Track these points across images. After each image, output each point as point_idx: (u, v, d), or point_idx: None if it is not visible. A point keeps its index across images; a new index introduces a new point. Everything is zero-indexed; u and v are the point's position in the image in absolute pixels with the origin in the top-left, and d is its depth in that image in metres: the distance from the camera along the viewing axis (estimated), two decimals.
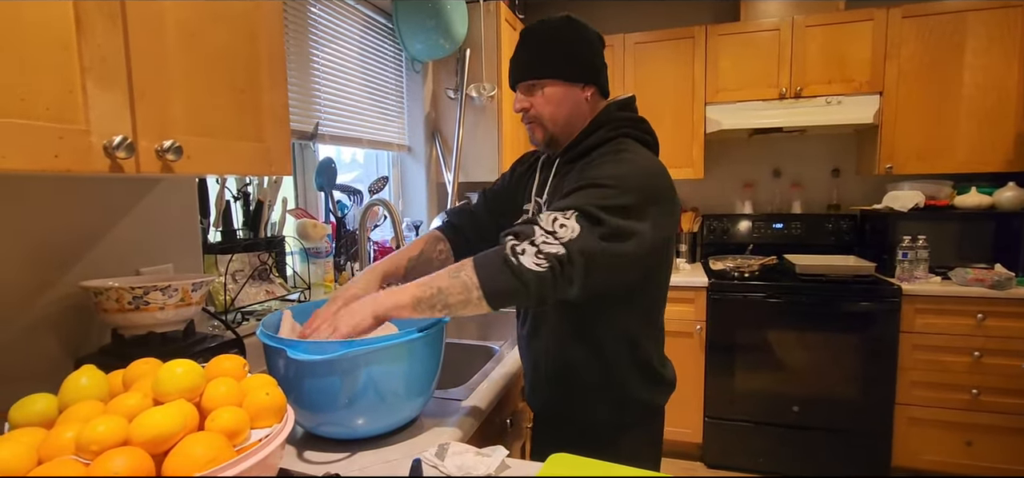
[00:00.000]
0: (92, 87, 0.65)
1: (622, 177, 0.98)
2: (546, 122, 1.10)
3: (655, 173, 1.04)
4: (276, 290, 1.51)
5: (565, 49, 1.08)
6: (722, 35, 2.84)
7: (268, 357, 0.97)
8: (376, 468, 0.91)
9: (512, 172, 1.32)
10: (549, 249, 0.90)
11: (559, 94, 1.08)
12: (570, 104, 1.09)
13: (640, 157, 1.05)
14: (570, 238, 0.91)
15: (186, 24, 0.79)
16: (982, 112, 2.53)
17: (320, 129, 1.83)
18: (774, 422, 2.62)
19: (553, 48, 1.07)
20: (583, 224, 0.92)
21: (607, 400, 1.12)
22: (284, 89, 1.01)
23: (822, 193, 3.11)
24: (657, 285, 1.13)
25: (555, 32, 1.08)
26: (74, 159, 0.63)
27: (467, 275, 0.91)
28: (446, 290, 0.91)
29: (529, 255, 0.90)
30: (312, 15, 1.80)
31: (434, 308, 0.92)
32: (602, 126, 1.10)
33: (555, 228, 0.92)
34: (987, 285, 2.35)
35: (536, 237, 0.91)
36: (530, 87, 1.10)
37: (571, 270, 0.90)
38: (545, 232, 0.92)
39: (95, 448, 0.57)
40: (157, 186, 1.15)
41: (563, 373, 1.14)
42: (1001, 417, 2.36)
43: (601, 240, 0.92)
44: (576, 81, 1.08)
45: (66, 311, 0.97)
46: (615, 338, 1.10)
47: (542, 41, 1.08)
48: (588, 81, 1.09)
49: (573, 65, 1.08)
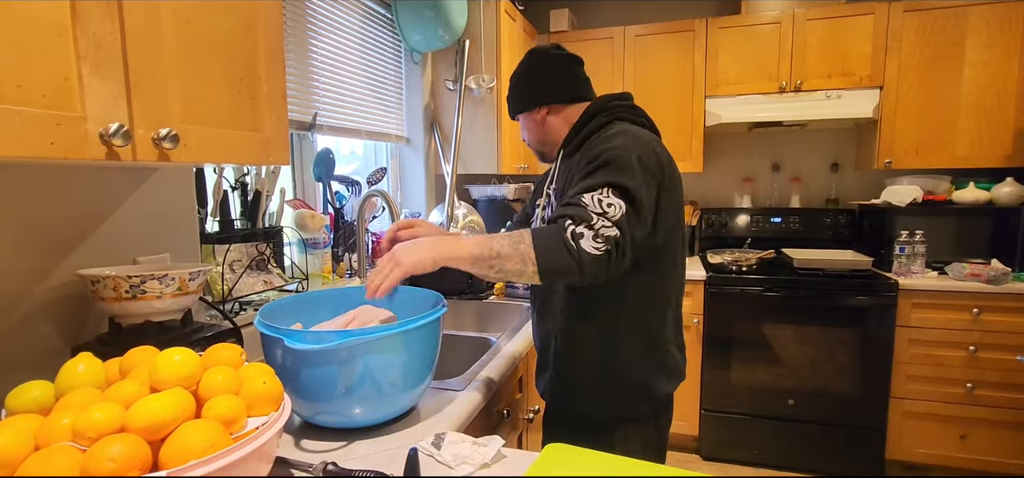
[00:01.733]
0: (88, 74, 0.65)
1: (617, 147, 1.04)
2: (533, 145, 1.32)
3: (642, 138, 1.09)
4: (274, 280, 1.51)
5: (518, 87, 1.28)
6: (722, 28, 2.84)
7: (265, 346, 0.97)
8: (373, 457, 0.91)
9: None
10: (607, 232, 0.94)
11: (528, 122, 1.29)
12: (534, 126, 1.27)
13: (631, 129, 1.11)
14: (621, 216, 0.96)
15: (182, 11, 0.78)
16: (981, 107, 2.53)
17: (318, 120, 1.82)
18: (770, 415, 2.63)
19: (513, 90, 1.29)
20: (623, 197, 0.97)
21: (612, 384, 1.14)
22: (282, 79, 1.00)
23: (821, 187, 3.11)
24: (667, 262, 1.15)
25: (522, 72, 1.27)
26: (70, 146, 0.63)
27: (526, 248, 0.94)
28: (505, 256, 0.95)
29: (588, 239, 0.93)
30: (311, 5, 1.80)
31: (491, 270, 0.96)
32: (597, 114, 1.17)
33: (604, 208, 0.96)
34: (983, 280, 2.35)
35: (593, 221, 0.94)
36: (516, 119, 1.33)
37: (625, 248, 0.96)
38: (597, 215, 0.95)
39: (92, 434, 0.57)
40: (154, 175, 1.15)
41: (571, 352, 1.18)
42: (996, 411, 2.38)
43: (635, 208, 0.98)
44: (529, 109, 1.26)
45: (63, 299, 0.97)
46: (626, 318, 1.13)
47: (515, 83, 1.29)
48: (539, 104, 1.25)
49: (522, 98, 1.27)
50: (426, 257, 0.96)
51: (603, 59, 3.03)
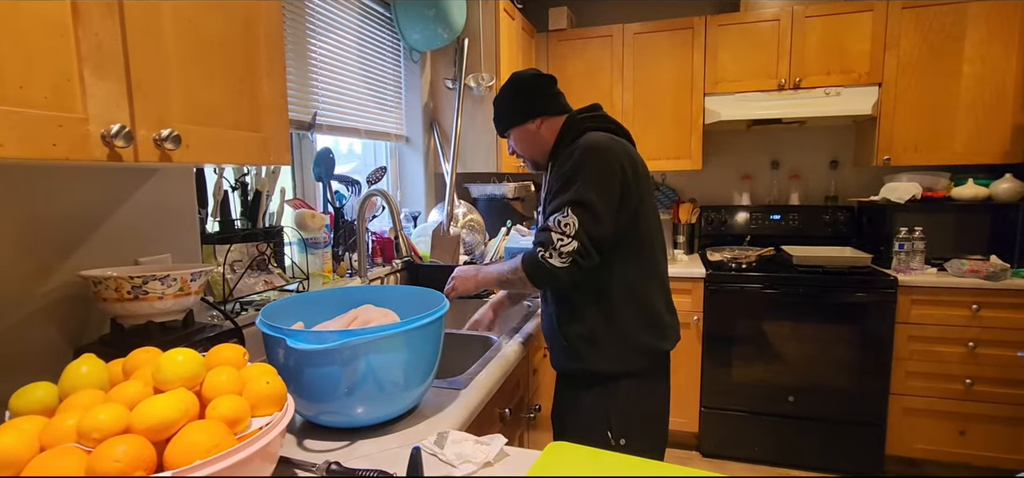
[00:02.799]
0: (90, 75, 0.65)
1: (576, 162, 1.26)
2: (525, 155, 1.48)
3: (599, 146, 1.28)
4: (275, 280, 1.51)
5: (510, 104, 1.44)
6: (721, 26, 2.83)
7: (268, 346, 0.97)
8: (376, 457, 0.91)
9: None
10: (566, 248, 1.22)
11: (521, 134, 1.45)
12: (529, 137, 1.44)
13: (589, 139, 1.29)
14: (575, 229, 1.22)
15: (183, 12, 0.78)
16: (980, 104, 2.53)
17: (318, 119, 1.82)
18: (770, 412, 2.64)
19: (504, 108, 1.46)
20: (577, 212, 1.23)
21: (615, 346, 1.32)
22: (282, 79, 1.00)
23: (820, 184, 3.12)
24: (645, 235, 1.34)
25: (501, 97, 1.46)
26: (72, 147, 0.63)
27: (522, 274, 1.30)
28: (511, 281, 1.36)
29: (555, 257, 1.23)
30: (310, 5, 1.79)
31: (511, 287, 1.43)
32: (568, 132, 1.38)
33: (562, 228, 1.23)
34: (982, 276, 2.36)
35: (555, 242, 1.23)
36: (507, 136, 1.49)
37: (586, 251, 1.23)
38: (558, 235, 1.23)
39: (97, 436, 0.58)
40: (155, 175, 1.15)
41: (573, 330, 1.35)
42: (994, 407, 2.38)
43: (591, 218, 1.23)
44: (524, 121, 1.43)
45: (65, 301, 0.97)
46: (618, 287, 1.32)
47: (499, 104, 1.47)
48: (533, 116, 1.42)
49: (516, 112, 1.43)
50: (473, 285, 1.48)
51: (602, 57, 3.03)
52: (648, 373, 1.37)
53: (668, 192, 3.34)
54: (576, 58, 3.07)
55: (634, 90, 3.01)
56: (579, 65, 3.07)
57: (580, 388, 1.38)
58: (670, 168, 3.02)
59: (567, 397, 1.44)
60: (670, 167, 3.02)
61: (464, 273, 1.50)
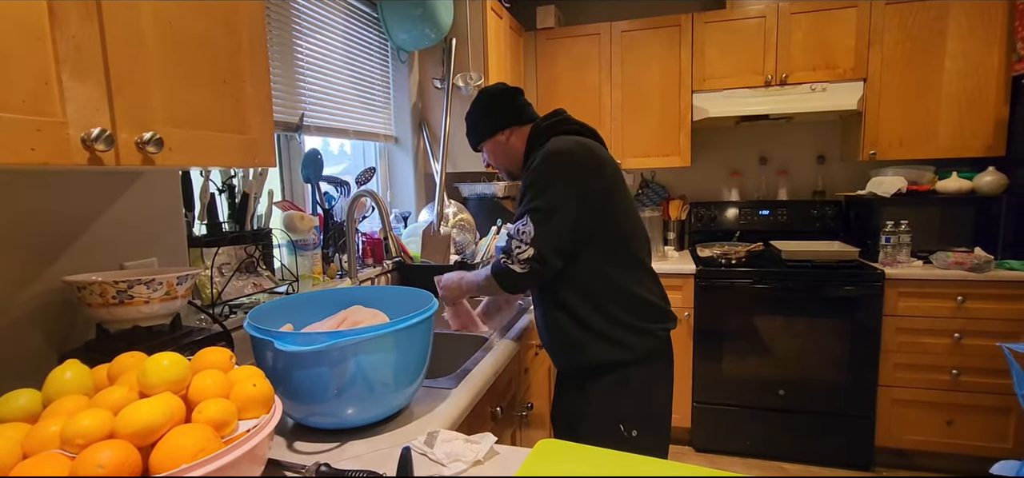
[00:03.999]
0: (68, 79, 0.64)
1: (535, 170, 1.30)
2: (498, 166, 1.54)
3: (557, 151, 1.31)
4: (264, 283, 1.50)
5: (479, 118, 1.49)
6: (708, 23, 2.85)
7: (256, 349, 0.97)
8: (366, 457, 0.91)
9: None
10: (523, 255, 1.28)
11: (494, 146, 1.50)
12: (500, 148, 1.49)
13: (549, 146, 1.33)
14: (532, 237, 1.27)
15: (164, 13, 0.78)
16: (963, 98, 2.56)
17: (305, 120, 1.81)
18: (761, 406, 2.66)
19: (475, 123, 1.51)
20: (534, 220, 1.28)
21: (613, 333, 1.33)
22: (267, 80, 1.00)
23: (808, 179, 3.14)
24: (619, 228, 1.35)
25: (473, 110, 1.51)
26: (52, 152, 0.62)
27: (494, 282, 1.35)
28: (487, 288, 1.40)
29: (516, 264, 1.29)
30: (295, 5, 1.78)
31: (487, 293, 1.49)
32: (534, 141, 1.44)
33: (521, 237, 1.29)
34: (967, 268, 2.39)
35: (513, 251, 1.30)
36: (480, 150, 1.54)
37: (543, 257, 1.27)
38: (516, 242, 1.29)
39: (81, 441, 0.57)
40: (139, 179, 1.14)
41: (566, 326, 1.37)
42: (980, 396, 2.42)
43: (547, 224, 1.26)
44: (494, 133, 1.48)
45: (49, 306, 0.96)
46: (602, 280, 1.33)
47: (470, 120, 1.52)
48: (502, 128, 1.47)
49: (485, 126, 1.49)
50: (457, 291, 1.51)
51: (590, 55, 3.04)
52: (653, 356, 1.38)
53: (658, 189, 3.36)
54: (564, 56, 3.08)
55: (622, 88, 3.02)
56: (567, 64, 3.08)
57: (587, 381, 1.37)
58: (659, 165, 3.04)
59: (573, 393, 1.42)
60: (659, 164, 3.03)
61: (450, 281, 1.51)
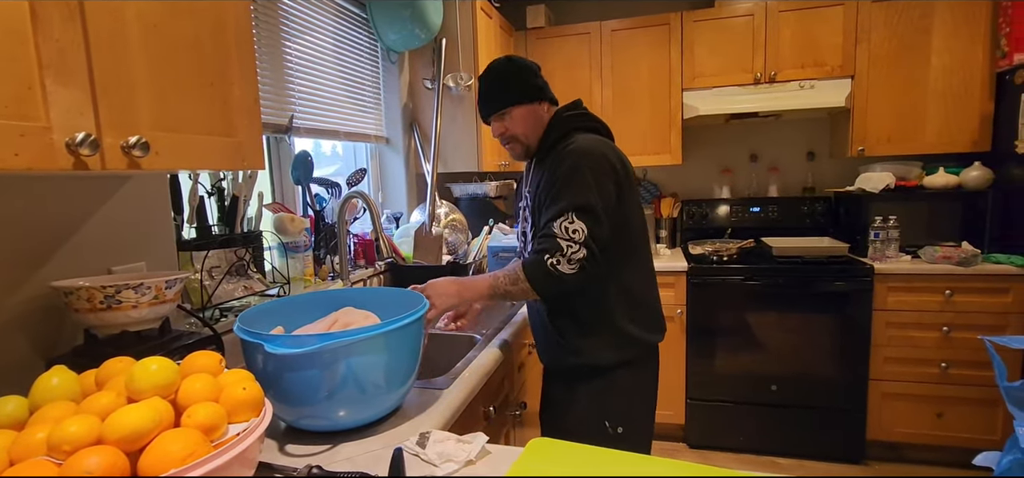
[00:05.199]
0: (51, 83, 0.64)
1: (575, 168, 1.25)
2: (520, 137, 1.41)
3: (594, 152, 1.28)
4: (255, 285, 1.50)
5: (516, 80, 1.38)
6: (697, 21, 2.87)
7: (246, 352, 0.97)
8: (358, 459, 0.91)
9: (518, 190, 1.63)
10: (577, 255, 1.20)
11: (524, 113, 1.38)
12: (534, 117, 1.39)
13: (583, 145, 1.30)
14: (585, 236, 1.20)
15: (149, 17, 0.77)
16: (949, 94, 2.59)
17: (295, 122, 1.81)
18: (754, 402, 2.68)
19: (508, 82, 1.38)
20: (585, 220, 1.21)
21: (612, 338, 1.33)
22: (254, 82, 0.99)
23: (798, 176, 3.17)
24: (633, 231, 1.36)
25: (506, 70, 1.39)
26: (36, 157, 0.62)
27: (524, 284, 1.23)
28: (512, 292, 1.26)
29: (564, 264, 1.20)
30: (283, 7, 1.78)
31: (504, 299, 1.29)
32: (554, 128, 1.38)
33: (570, 234, 1.20)
34: (954, 262, 2.42)
35: (565, 249, 1.20)
36: (500, 115, 1.39)
37: (595, 258, 1.22)
38: (565, 242, 1.20)
39: (67, 448, 0.57)
40: (127, 183, 1.13)
41: (567, 330, 1.36)
42: (969, 389, 2.44)
43: (598, 224, 1.22)
44: (534, 100, 1.39)
45: (36, 312, 0.95)
46: (614, 283, 1.31)
47: (501, 78, 1.38)
48: (541, 99, 1.39)
49: (527, 89, 1.38)
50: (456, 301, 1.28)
51: (581, 55, 3.05)
52: (644, 362, 1.40)
53: (649, 187, 3.37)
54: (555, 56, 3.08)
55: (613, 86, 3.03)
56: (558, 63, 3.08)
57: (577, 381, 1.38)
58: (651, 163, 3.05)
59: (560, 392, 1.44)
60: (651, 162, 3.04)
61: (444, 289, 1.27)
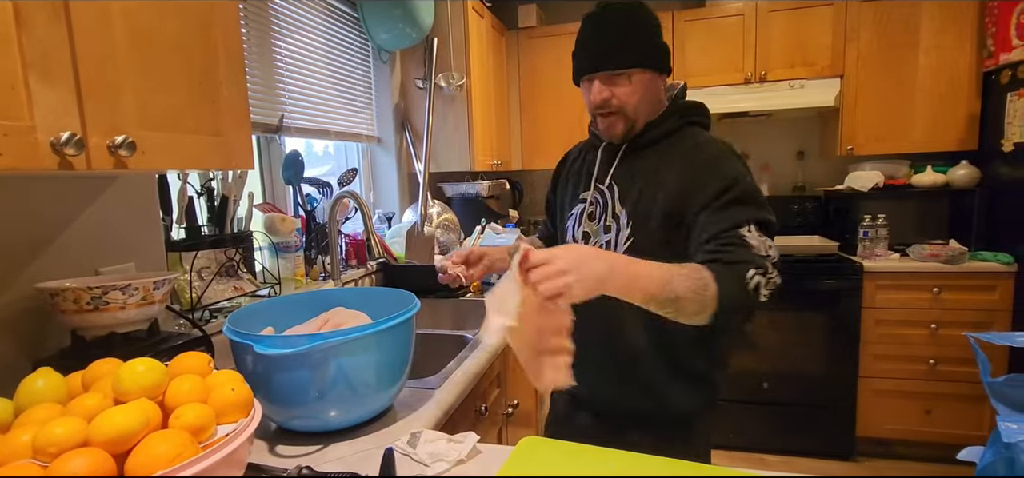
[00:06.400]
0: (35, 83, 0.63)
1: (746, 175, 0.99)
2: (630, 112, 1.04)
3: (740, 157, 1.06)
4: (245, 286, 1.49)
5: (651, 36, 1.02)
6: (688, 21, 2.88)
7: (236, 353, 0.96)
8: (349, 459, 0.91)
9: (556, 175, 1.31)
10: (776, 281, 0.91)
11: (646, 82, 1.03)
12: (653, 93, 1.05)
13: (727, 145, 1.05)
14: (777, 258, 0.92)
15: (135, 16, 0.77)
16: (936, 93, 2.62)
17: (286, 122, 1.80)
18: (745, 399, 2.70)
19: (641, 34, 1.01)
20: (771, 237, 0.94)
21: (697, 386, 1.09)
22: (242, 81, 0.99)
23: (788, 175, 3.19)
24: None
25: (637, 17, 1.02)
26: (19, 156, 0.61)
27: (710, 296, 0.85)
28: (683, 300, 0.84)
29: (763, 289, 0.89)
30: (274, 6, 1.77)
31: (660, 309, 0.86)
32: (672, 115, 1.07)
33: (769, 253, 0.92)
34: (942, 260, 2.44)
35: (768, 271, 0.90)
36: (613, 77, 1.02)
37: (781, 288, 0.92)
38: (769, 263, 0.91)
39: (53, 450, 0.56)
40: (114, 183, 1.12)
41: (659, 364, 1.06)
42: (957, 385, 2.47)
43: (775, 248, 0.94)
44: (662, 69, 1.05)
45: (22, 314, 0.94)
46: None
47: (628, 26, 1.00)
48: (667, 69, 1.06)
49: (660, 54, 1.03)
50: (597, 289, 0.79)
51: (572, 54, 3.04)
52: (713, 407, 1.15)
53: None
54: (546, 55, 3.08)
55: None
56: (550, 62, 3.08)
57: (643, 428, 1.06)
58: None
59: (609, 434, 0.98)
60: None
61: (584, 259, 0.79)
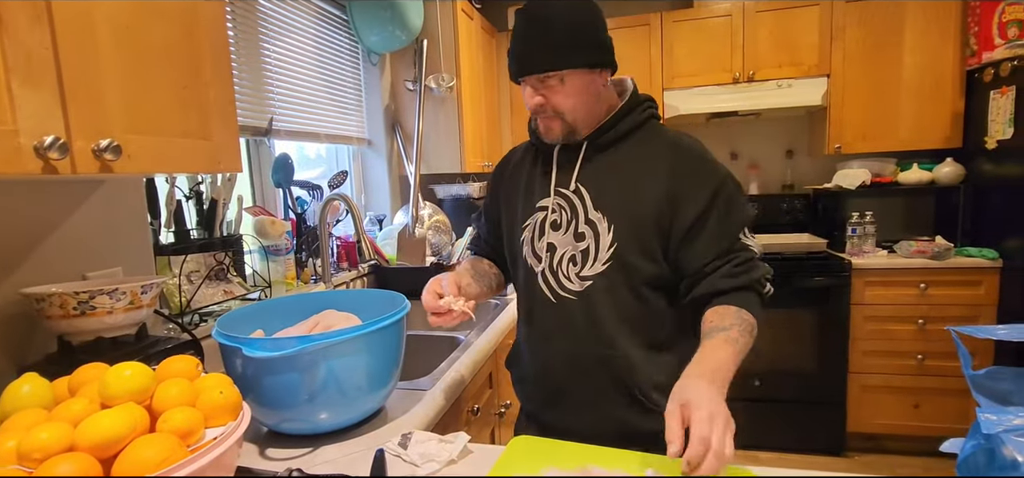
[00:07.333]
0: (18, 86, 0.62)
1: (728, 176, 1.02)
2: (566, 115, 0.98)
3: None
4: (234, 290, 1.48)
5: (586, 33, 0.94)
6: (676, 21, 2.90)
7: (225, 356, 0.96)
8: (340, 462, 0.91)
9: (496, 181, 1.21)
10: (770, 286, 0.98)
11: (580, 84, 0.96)
12: (591, 93, 0.98)
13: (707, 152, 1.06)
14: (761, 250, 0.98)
15: (119, 19, 0.76)
16: (922, 91, 2.65)
17: (275, 124, 1.79)
18: (737, 397, 2.68)
19: (573, 34, 0.93)
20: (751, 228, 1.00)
21: None
22: (230, 84, 0.99)
23: (777, 174, 3.21)
24: None
25: (570, 14, 0.93)
26: (2, 161, 0.61)
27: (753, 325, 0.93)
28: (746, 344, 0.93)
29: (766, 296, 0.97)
30: (261, 8, 1.76)
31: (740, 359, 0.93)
32: (633, 109, 1.03)
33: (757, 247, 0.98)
34: (928, 256, 2.47)
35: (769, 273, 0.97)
36: (543, 79, 0.96)
37: None
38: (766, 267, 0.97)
39: (38, 455, 0.56)
40: (101, 187, 1.11)
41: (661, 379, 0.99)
42: (944, 380, 2.50)
43: None
44: (598, 67, 0.97)
45: (7, 320, 0.93)
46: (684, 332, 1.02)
47: (558, 26, 0.93)
48: (607, 65, 0.98)
49: (596, 50, 0.96)
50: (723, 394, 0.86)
51: None
52: None
53: None
54: None
55: None
56: None
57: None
58: None
59: None
60: None
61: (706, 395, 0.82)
